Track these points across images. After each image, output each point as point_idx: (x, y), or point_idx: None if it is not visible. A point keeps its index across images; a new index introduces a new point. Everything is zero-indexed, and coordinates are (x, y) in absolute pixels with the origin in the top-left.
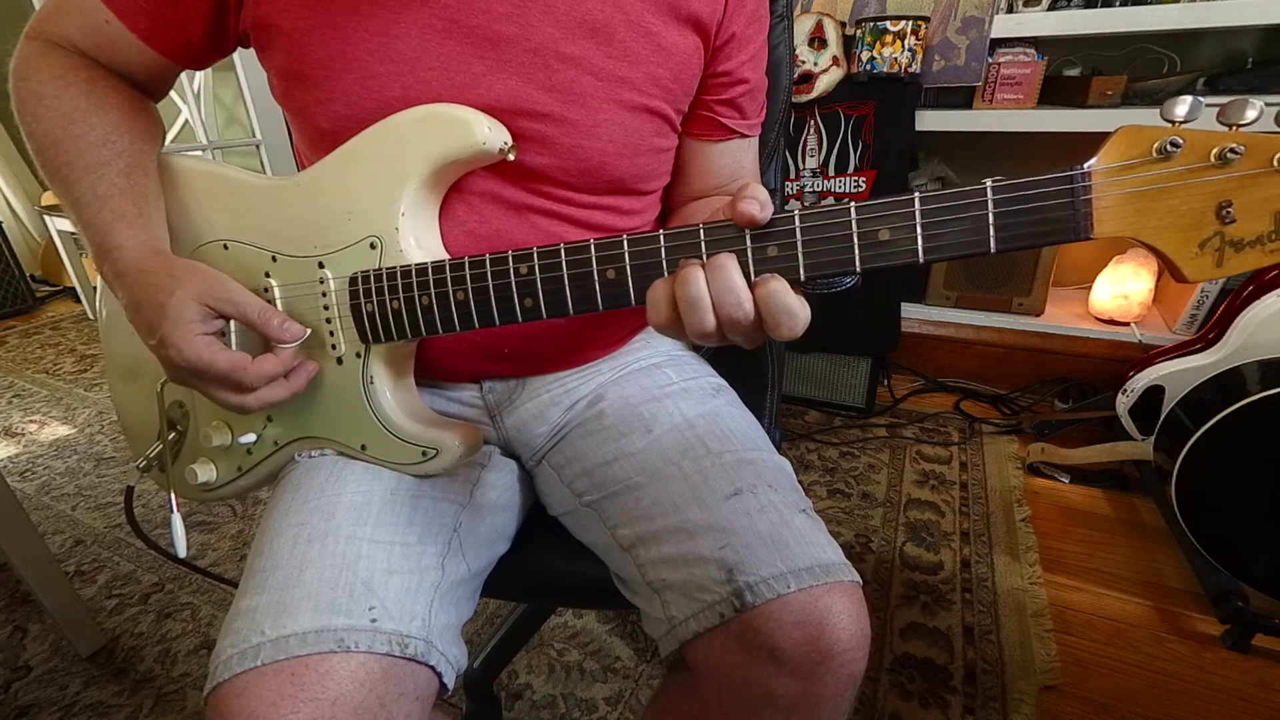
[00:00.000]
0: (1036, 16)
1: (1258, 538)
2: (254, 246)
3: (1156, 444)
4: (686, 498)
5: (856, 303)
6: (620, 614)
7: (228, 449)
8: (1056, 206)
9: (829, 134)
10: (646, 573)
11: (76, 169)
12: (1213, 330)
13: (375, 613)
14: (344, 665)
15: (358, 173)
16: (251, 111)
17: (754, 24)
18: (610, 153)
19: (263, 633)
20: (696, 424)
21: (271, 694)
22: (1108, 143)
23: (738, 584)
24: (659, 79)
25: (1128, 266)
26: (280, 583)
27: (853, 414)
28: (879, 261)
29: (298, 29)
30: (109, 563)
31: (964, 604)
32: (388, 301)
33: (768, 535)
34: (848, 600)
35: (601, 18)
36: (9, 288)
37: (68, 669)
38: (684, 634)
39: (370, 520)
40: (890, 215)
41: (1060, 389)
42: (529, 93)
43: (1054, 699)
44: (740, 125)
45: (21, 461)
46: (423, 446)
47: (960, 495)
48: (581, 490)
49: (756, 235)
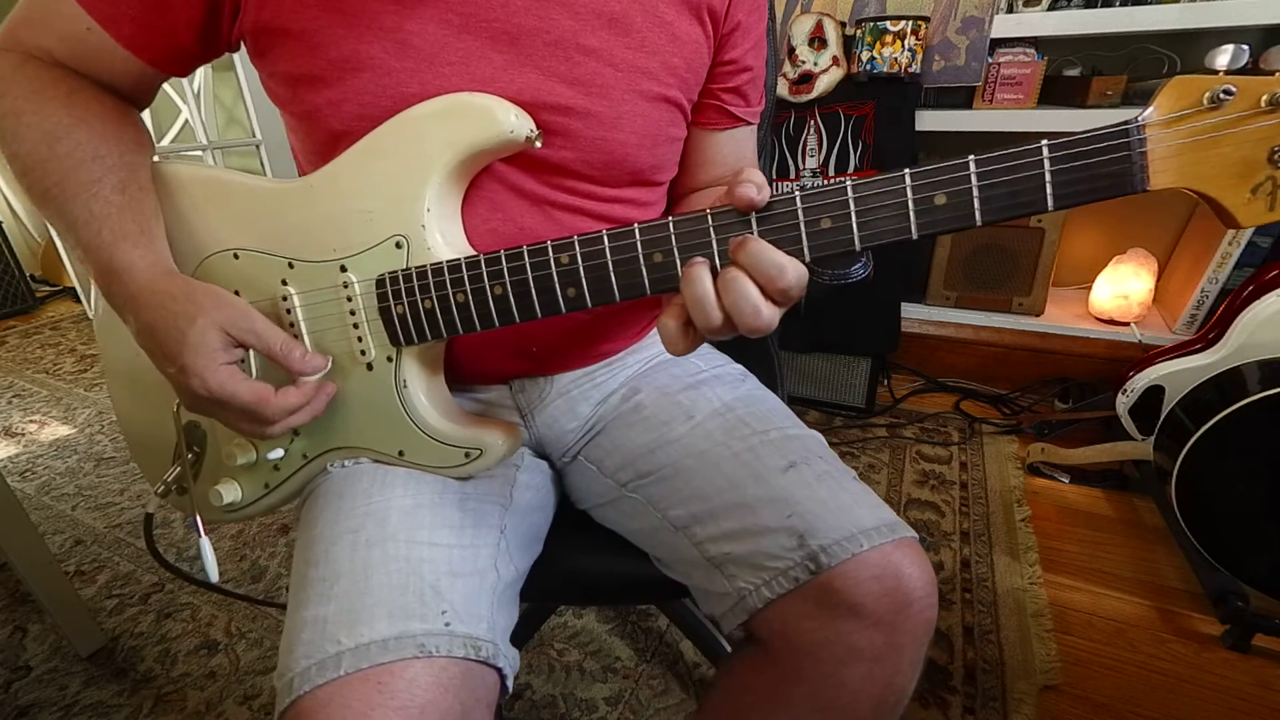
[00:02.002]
0: (1036, 16)
1: (1258, 537)
2: (268, 254)
3: (1156, 444)
4: (742, 475)
5: (857, 302)
6: (620, 614)
7: (253, 466)
8: (1113, 160)
9: (829, 134)
10: (706, 549)
11: (68, 189)
12: (1213, 330)
13: (447, 616)
14: (427, 671)
15: (377, 169)
16: (251, 111)
17: (755, 12)
18: (632, 144)
19: (339, 641)
20: (736, 407)
21: (361, 704)
22: (1159, 94)
23: (810, 548)
24: (675, 68)
25: (1128, 266)
26: (347, 590)
27: (853, 414)
28: (934, 228)
29: (307, 31)
30: (109, 563)
31: (964, 604)
32: (419, 301)
33: (830, 501)
34: (915, 553)
35: (619, 9)
36: (9, 288)
37: (68, 669)
38: (755, 603)
39: (425, 524)
40: (945, 180)
41: (1060, 389)
42: (551, 86)
43: (1054, 699)
44: (745, 113)
45: (21, 461)
46: (464, 448)
47: (960, 495)
48: (626, 479)
49: (809, 209)
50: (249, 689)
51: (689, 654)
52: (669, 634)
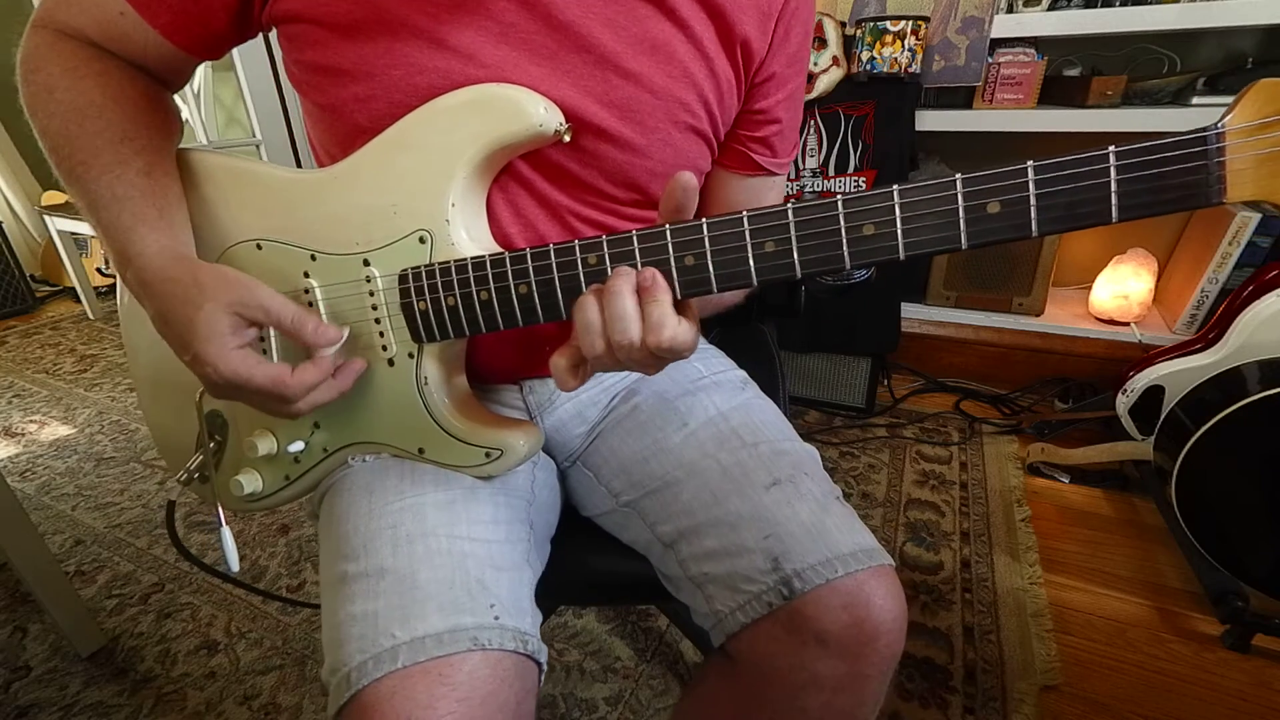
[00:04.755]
0: (1036, 16)
1: (1258, 538)
2: (291, 245)
3: (1156, 444)
4: (726, 490)
5: (857, 303)
6: (620, 614)
7: (274, 458)
8: (1187, 170)
9: (829, 134)
10: (689, 568)
11: (94, 169)
12: (1213, 330)
13: (496, 610)
14: (484, 663)
15: (402, 162)
16: (251, 111)
17: (794, 65)
18: (659, 171)
19: (394, 635)
20: (731, 416)
21: (424, 695)
22: (1242, 99)
23: (784, 572)
24: (709, 103)
25: (1128, 266)
26: (394, 586)
27: (853, 414)
28: (986, 238)
29: (340, 24)
30: (109, 563)
31: (964, 604)
32: (442, 298)
33: (810, 523)
34: (888, 582)
35: (662, 37)
36: (9, 288)
37: (68, 669)
38: (730, 627)
39: (462, 519)
40: (1000, 187)
41: (1060, 389)
42: (586, 104)
43: (1054, 699)
44: (770, 163)
45: (21, 461)
46: (485, 447)
47: (960, 495)
48: (619, 490)
49: (851, 214)
50: (249, 689)
51: (689, 654)
52: (669, 634)
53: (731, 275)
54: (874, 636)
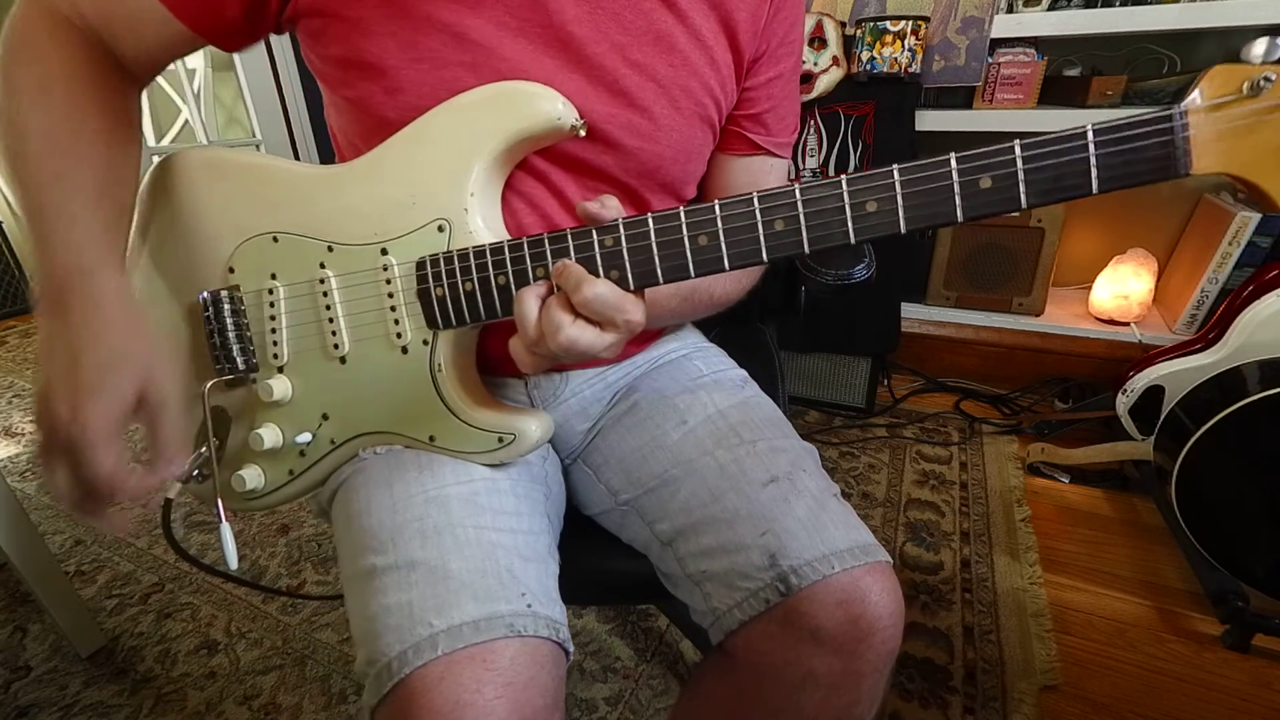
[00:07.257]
0: (1036, 16)
1: (1258, 538)
2: (307, 237)
3: (1156, 444)
4: (723, 487)
5: (857, 302)
6: (620, 614)
7: (279, 451)
8: (1157, 145)
9: (829, 134)
10: (687, 565)
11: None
12: (1213, 330)
13: (528, 598)
14: (523, 650)
15: (423, 156)
16: (251, 111)
17: (784, 46)
18: (668, 156)
19: (431, 624)
20: (729, 414)
21: (471, 680)
22: (1200, 82)
23: (781, 569)
24: (711, 89)
25: (1128, 266)
26: (426, 577)
27: (853, 414)
28: (979, 211)
29: (365, 19)
30: (109, 563)
31: (964, 604)
32: (460, 284)
33: (806, 520)
34: (885, 579)
35: (664, 28)
36: (9, 288)
37: (68, 669)
38: (728, 624)
39: (486, 510)
40: (991, 164)
41: (1060, 389)
42: (598, 94)
43: (1054, 699)
44: (766, 141)
45: (21, 461)
46: (498, 432)
47: (960, 495)
48: (618, 489)
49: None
50: (249, 689)
51: (689, 654)
52: (669, 634)
53: (743, 254)
54: (869, 633)
